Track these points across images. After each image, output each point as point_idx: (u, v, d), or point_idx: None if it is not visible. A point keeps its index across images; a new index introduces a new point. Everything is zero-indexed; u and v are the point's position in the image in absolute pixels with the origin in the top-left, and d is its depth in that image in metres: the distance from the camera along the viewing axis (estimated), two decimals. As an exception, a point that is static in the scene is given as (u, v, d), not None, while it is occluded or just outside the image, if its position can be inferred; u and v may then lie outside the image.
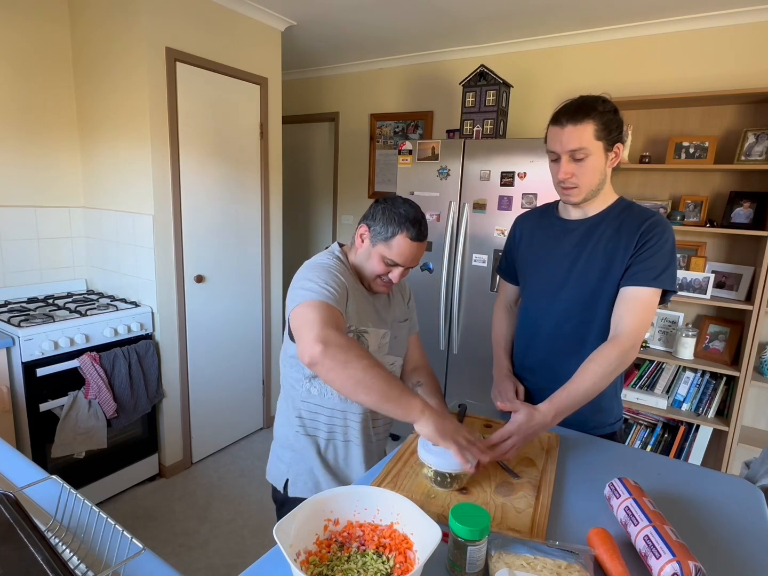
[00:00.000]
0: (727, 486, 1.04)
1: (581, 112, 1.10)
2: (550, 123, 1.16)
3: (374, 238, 1.13)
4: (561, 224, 1.28)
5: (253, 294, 2.90)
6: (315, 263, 1.13)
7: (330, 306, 1.00)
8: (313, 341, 0.91)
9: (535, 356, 1.34)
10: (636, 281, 1.13)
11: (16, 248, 2.40)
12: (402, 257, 1.12)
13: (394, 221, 1.10)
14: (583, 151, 1.11)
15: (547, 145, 1.18)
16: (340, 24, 2.76)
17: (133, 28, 2.18)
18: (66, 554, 0.77)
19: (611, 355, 1.09)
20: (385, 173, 3.59)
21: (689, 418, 2.42)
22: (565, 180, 1.15)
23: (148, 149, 2.25)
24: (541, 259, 1.31)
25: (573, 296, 1.23)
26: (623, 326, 1.12)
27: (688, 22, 2.44)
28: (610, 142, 1.13)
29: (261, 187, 2.84)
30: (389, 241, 1.11)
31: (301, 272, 1.11)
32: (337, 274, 1.09)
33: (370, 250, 1.14)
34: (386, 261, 1.13)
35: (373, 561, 0.75)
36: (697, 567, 0.70)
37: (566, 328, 1.26)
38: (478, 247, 2.54)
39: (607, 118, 1.12)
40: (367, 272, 1.17)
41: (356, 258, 1.18)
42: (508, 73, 2.94)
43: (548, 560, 0.73)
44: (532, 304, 1.34)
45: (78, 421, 2.09)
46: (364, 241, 1.16)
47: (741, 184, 2.42)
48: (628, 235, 1.16)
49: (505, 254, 1.47)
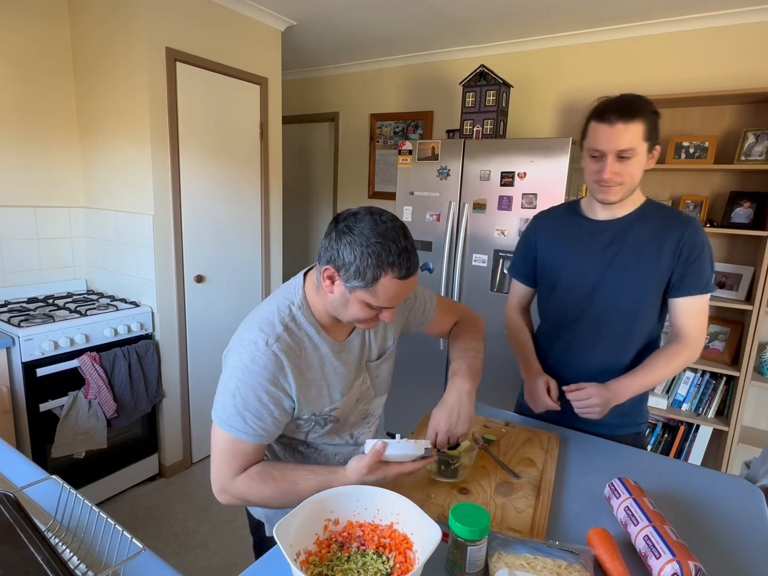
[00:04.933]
0: (727, 486, 1.04)
1: (632, 110, 1.08)
2: (595, 120, 1.12)
3: (348, 284, 0.84)
4: (589, 224, 1.26)
5: (253, 294, 2.90)
6: (247, 362, 0.88)
7: (242, 444, 0.88)
8: (218, 491, 0.91)
9: (563, 358, 1.33)
10: (689, 291, 1.17)
11: (16, 248, 2.40)
12: (392, 301, 0.86)
13: (372, 262, 0.81)
14: (631, 151, 1.09)
15: (587, 142, 1.15)
16: (340, 24, 2.76)
17: (133, 28, 2.18)
18: (66, 554, 0.77)
19: (681, 357, 1.18)
20: (385, 173, 3.59)
21: (689, 418, 2.42)
22: (610, 179, 1.13)
23: (148, 149, 2.25)
24: (568, 259, 1.28)
25: (610, 297, 1.23)
26: (688, 332, 1.19)
27: (688, 22, 2.44)
28: (653, 143, 1.13)
29: (261, 187, 2.84)
30: (371, 288, 0.83)
31: (231, 372, 0.89)
32: (269, 387, 0.88)
33: (348, 297, 0.86)
34: (372, 307, 0.87)
35: (373, 561, 0.75)
36: (697, 567, 0.70)
37: (602, 333, 1.26)
38: (478, 247, 2.54)
39: (654, 119, 1.11)
40: (348, 319, 0.91)
41: (327, 303, 0.91)
42: (508, 73, 2.94)
43: (548, 560, 0.73)
44: (560, 305, 1.32)
45: (78, 421, 2.09)
46: (335, 283, 0.87)
47: (741, 184, 2.42)
48: (671, 238, 1.17)
49: (520, 254, 1.43)
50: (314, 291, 0.94)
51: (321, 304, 0.94)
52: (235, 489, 0.89)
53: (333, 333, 0.98)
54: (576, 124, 2.81)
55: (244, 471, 0.90)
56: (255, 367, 0.87)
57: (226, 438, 0.88)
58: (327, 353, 0.96)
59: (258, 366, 0.87)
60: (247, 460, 0.90)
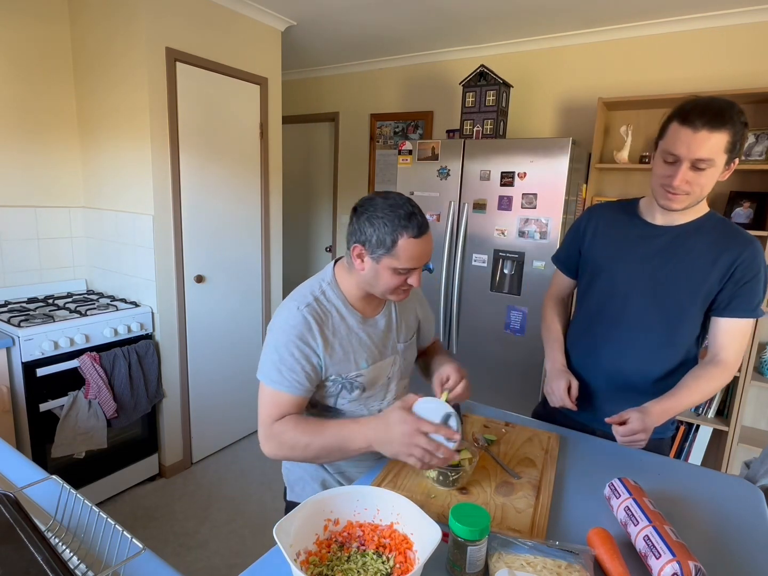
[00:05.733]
0: (727, 486, 1.04)
1: (720, 118, 0.99)
2: (677, 120, 1.03)
3: (375, 254, 0.99)
4: (644, 227, 1.21)
5: (253, 294, 2.90)
6: (281, 323, 1.04)
7: (280, 395, 1.01)
8: (262, 439, 1.01)
9: (593, 355, 1.29)
10: (736, 313, 1.14)
11: (16, 248, 2.40)
12: (413, 260, 1.00)
13: (387, 228, 0.96)
14: (709, 162, 1.02)
15: (664, 142, 1.07)
16: (340, 24, 2.76)
17: (132, 27, 2.18)
18: (66, 554, 0.77)
19: (717, 380, 1.16)
20: (385, 173, 3.59)
21: (689, 418, 2.42)
22: (678, 187, 1.06)
23: (148, 149, 2.25)
24: (616, 258, 1.24)
25: (652, 303, 1.19)
26: (726, 355, 1.16)
27: (687, 22, 2.44)
28: (734, 156, 1.05)
29: (261, 187, 2.84)
30: (393, 251, 0.98)
31: (270, 334, 1.05)
32: (299, 343, 1.01)
33: (377, 268, 1.01)
34: (399, 271, 1.00)
35: (373, 561, 0.75)
36: (697, 567, 0.70)
37: (636, 336, 1.22)
38: (478, 247, 2.54)
39: (742, 131, 1.03)
40: (381, 290, 1.04)
41: (361, 280, 1.05)
42: (508, 73, 2.94)
43: (548, 560, 0.73)
44: (596, 302, 1.28)
45: (78, 421, 2.09)
46: (364, 260, 1.02)
47: (741, 184, 2.42)
48: (727, 256, 1.11)
49: (567, 244, 1.38)
50: (345, 273, 1.10)
51: (351, 283, 1.09)
52: (273, 431, 0.99)
53: (361, 310, 1.12)
54: (576, 124, 2.81)
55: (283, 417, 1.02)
56: (287, 326, 1.02)
57: (267, 391, 1.02)
58: (353, 324, 1.09)
59: (289, 326, 1.02)
60: (285, 409, 1.01)
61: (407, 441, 0.86)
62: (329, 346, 1.04)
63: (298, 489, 1.20)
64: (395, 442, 0.87)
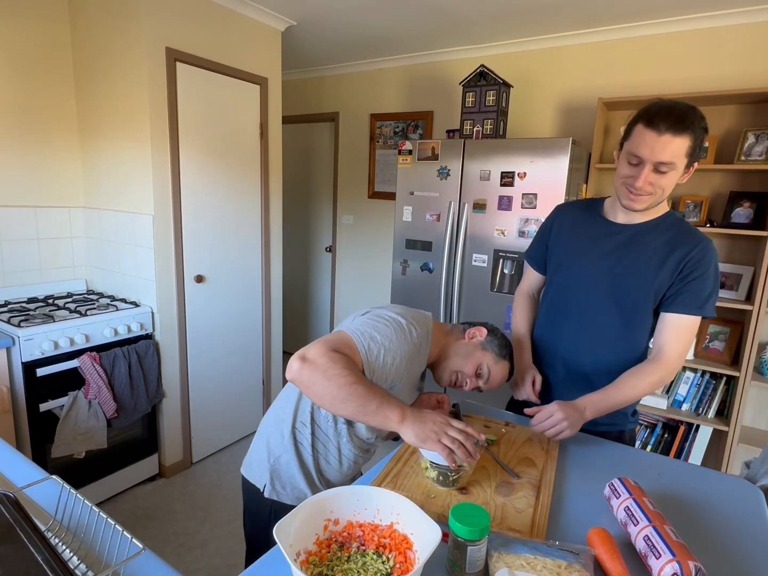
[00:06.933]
0: (727, 486, 1.04)
1: (683, 123, 1.03)
2: (642, 123, 1.07)
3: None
4: (605, 225, 1.26)
5: (253, 294, 2.90)
6: (404, 319, 1.10)
7: (356, 349, 1.02)
8: (315, 352, 0.96)
9: (552, 346, 1.35)
10: (681, 309, 1.15)
11: (16, 248, 2.40)
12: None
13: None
14: (671, 165, 1.06)
15: (629, 144, 1.10)
16: (340, 24, 2.76)
17: (132, 27, 2.18)
18: (66, 554, 0.77)
19: (654, 376, 1.16)
20: (385, 173, 3.59)
21: (689, 418, 2.42)
22: (641, 188, 1.10)
23: (148, 149, 2.25)
24: (577, 254, 1.29)
25: (609, 298, 1.23)
26: (667, 351, 1.16)
27: (687, 22, 2.44)
28: (693, 160, 1.09)
29: (261, 187, 2.84)
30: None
31: (387, 311, 1.12)
32: (405, 349, 1.08)
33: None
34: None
35: (373, 561, 0.75)
36: (697, 567, 0.70)
37: (592, 328, 1.26)
38: (477, 247, 2.54)
39: (702, 136, 1.06)
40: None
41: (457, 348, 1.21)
42: (508, 73, 2.94)
43: (548, 560, 0.73)
44: (559, 298, 1.33)
45: (78, 421, 2.09)
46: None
47: (741, 184, 2.42)
48: (677, 253, 1.15)
49: (537, 241, 1.44)
50: (447, 334, 1.24)
51: (437, 347, 1.20)
52: (333, 354, 0.96)
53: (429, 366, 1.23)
54: (576, 124, 2.81)
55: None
56: (410, 338, 1.09)
57: (348, 337, 1.03)
58: (417, 371, 1.18)
59: (411, 337, 1.09)
60: (351, 354, 1.00)
61: (438, 428, 0.92)
62: (406, 370, 1.10)
63: (280, 487, 1.15)
64: (428, 425, 0.92)
